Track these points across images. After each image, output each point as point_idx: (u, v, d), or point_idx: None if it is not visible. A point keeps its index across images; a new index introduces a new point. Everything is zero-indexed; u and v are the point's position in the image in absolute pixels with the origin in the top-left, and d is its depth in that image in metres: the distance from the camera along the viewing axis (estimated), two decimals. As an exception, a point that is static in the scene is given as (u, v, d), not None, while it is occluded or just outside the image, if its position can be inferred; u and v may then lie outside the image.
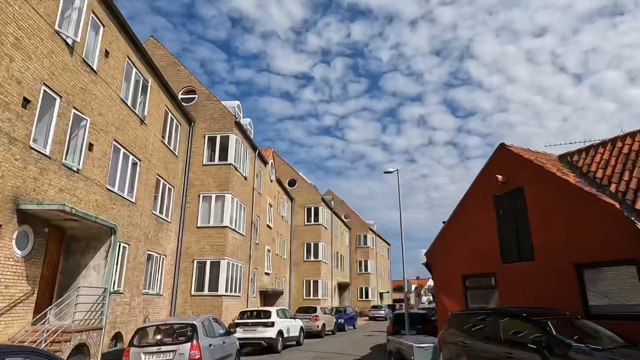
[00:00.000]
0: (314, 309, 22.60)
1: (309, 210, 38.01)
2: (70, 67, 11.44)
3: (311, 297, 35.41)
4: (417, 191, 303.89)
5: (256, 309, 16.93)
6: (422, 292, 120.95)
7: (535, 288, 9.56)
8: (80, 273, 11.57)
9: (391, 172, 17.89)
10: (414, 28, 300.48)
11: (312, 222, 37.56)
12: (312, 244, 36.85)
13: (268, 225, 28.37)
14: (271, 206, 29.43)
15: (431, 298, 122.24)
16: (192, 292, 19.41)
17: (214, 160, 21.48)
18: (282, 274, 32.07)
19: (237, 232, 21.49)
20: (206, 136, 21.68)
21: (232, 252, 20.63)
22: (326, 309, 24.60)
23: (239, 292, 21.52)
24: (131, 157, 15.25)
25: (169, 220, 18.83)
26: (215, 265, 19.73)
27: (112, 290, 13.76)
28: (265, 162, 28.18)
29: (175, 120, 19.67)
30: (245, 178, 23.42)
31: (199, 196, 20.76)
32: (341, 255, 46.48)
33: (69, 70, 11.38)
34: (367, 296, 51.47)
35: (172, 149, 19.29)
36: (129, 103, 15.00)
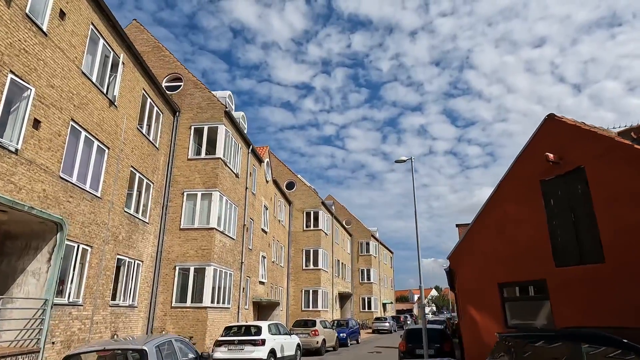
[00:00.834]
0: (313, 323, 20.05)
1: (308, 214, 35.55)
2: (5, 19, 9.12)
3: (310, 308, 32.79)
4: (418, 200, 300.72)
5: (244, 323, 14.44)
6: (425, 302, 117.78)
7: (606, 299, 7.14)
8: (15, 280, 9.14)
9: (404, 160, 15.50)
10: (414, 39, 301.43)
11: (312, 228, 35.07)
12: (311, 250, 34.33)
13: (263, 230, 25.92)
14: (267, 209, 27.01)
15: (434, 309, 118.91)
16: (173, 304, 16.91)
17: (200, 154, 19.13)
18: (278, 283, 29.52)
19: (226, 235, 19.04)
20: (192, 127, 19.35)
21: (220, 258, 18.17)
22: (327, 322, 22.04)
23: (228, 303, 19.01)
24: (96, 142, 12.89)
25: (146, 221, 16.41)
26: (200, 272, 17.26)
27: (68, 301, 11.34)
28: (260, 161, 25.82)
29: (155, 107, 17.35)
30: (237, 175, 21.04)
31: (182, 194, 18.36)
32: (342, 264, 43.89)
33: (2, 23, 9.07)
34: (369, 307, 48.72)
35: (151, 139, 16.94)
36: (93, 79, 12.68)
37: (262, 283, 25.18)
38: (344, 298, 43.77)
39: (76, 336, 11.76)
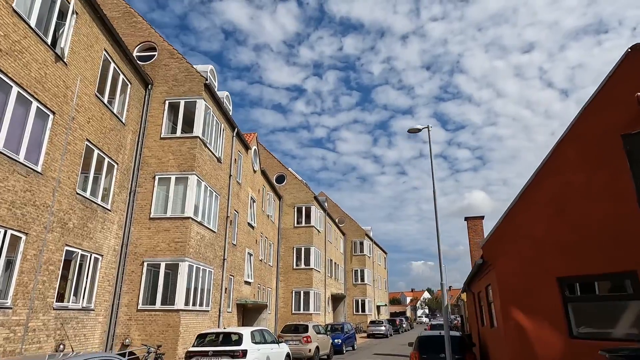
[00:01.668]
0: (305, 328, 17.53)
1: (299, 210, 33.04)
2: None
3: (301, 311, 30.25)
4: (408, 203, 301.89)
5: (221, 330, 11.89)
6: (417, 305, 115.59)
7: None
8: None
9: (419, 129, 13.08)
10: (405, 43, 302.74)
11: (303, 224, 32.56)
12: (302, 248, 31.81)
13: (250, 224, 23.36)
14: (254, 201, 24.45)
15: (427, 311, 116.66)
16: (140, 306, 14.30)
17: (175, 133, 16.54)
18: (266, 284, 26.95)
19: (205, 226, 16.47)
20: (167, 102, 16.76)
21: (197, 252, 15.59)
22: (320, 327, 19.53)
23: (207, 305, 16.43)
24: (35, 103, 10.27)
25: (108, 207, 13.80)
26: (173, 269, 14.68)
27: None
28: (247, 147, 23.28)
29: (122, 75, 14.75)
30: (219, 160, 18.48)
31: (154, 178, 15.76)
32: (335, 263, 41.41)
33: None
34: (363, 310, 46.26)
35: (115, 111, 14.34)
36: (31, 22, 10.08)
37: (248, 283, 22.61)
38: (336, 300, 41.30)
39: (1, 348, 9.13)
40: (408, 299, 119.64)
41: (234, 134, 20.74)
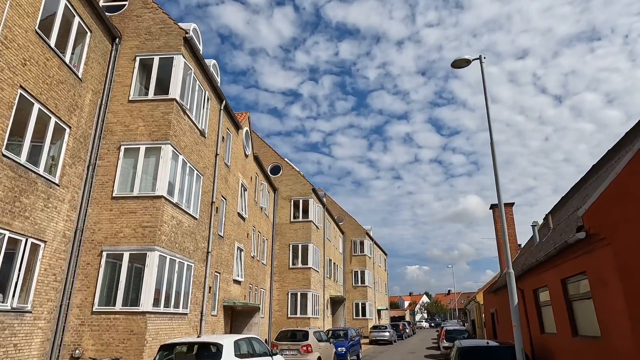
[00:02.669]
0: (305, 335, 14.53)
1: (296, 203, 30.02)
2: None
3: (298, 315, 27.17)
4: (403, 208, 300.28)
5: (193, 340, 8.83)
6: (416, 309, 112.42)
7: None
8: None
9: (468, 61, 10.13)
10: (401, 48, 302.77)
11: (300, 219, 29.54)
12: (299, 245, 28.77)
13: (240, 215, 20.35)
14: (245, 190, 21.45)
15: (426, 316, 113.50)
16: (96, 307, 11.24)
17: (147, 95, 13.54)
18: (259, 284, 23.89)
19: (183, 210, 13.47)
20: (138, 59, 13.78)
21: (172, 241, 12.58)
22: (321, 333, 16.52)
23: (185, 307, 13.39)
24: None
25: (54, 181, 10.76)
26: (139, 260, 11.65)
27: None
28: (237, 126, 20.31)
29: (78, 18, 11.77)
30: (202, 133, 15.50)
31: (119, 148, 12.74)
32: (335, 264, 38.39)
33: None
34: (364, 314, 43.16)
35: (67, 61, 11.34)
36: None
37: (237, 282, 19.56)
38: (336, 303, 38.24)
39: None
40: (406, 303, 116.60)
41: (222, 107, 17.76)
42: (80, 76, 11.94)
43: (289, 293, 27.72)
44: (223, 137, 18.12)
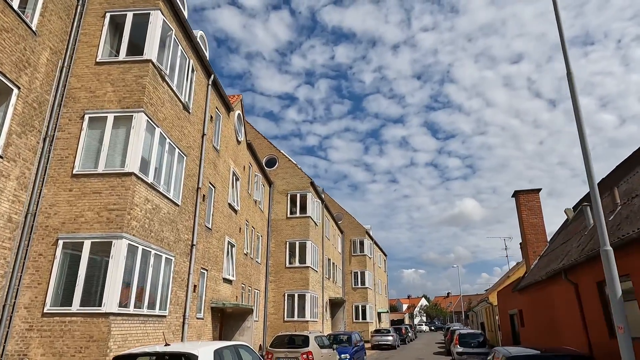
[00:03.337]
0: (305, 340, 12.45)
1: (293, 198, 27.93)
2: None
3: (296, 317, 25.02)
4: (399, 211, 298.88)
5: (165, 349, 6.70)
6: (415, 312, 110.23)
7: None
8: None
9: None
10: (396, 52, 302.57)
11: (298, 214, 27.44)
12: (297, 243, 26.66)
13: (231, 206, 18.25)
14: (237, 179, 19.36)
15: (425, 319, 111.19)
16: (48, 308, 9.10)
17: (117, 57, 11.45)
18: (253, 284, 21.77)
19: (160, 193, 11.37)
20: (108, 15, 11.71)
21: (145, 228, 10.47)
22: (323, 338, 14.43)
23: (163, 307, 11.27)
24: None
25: (-5, 151, 8.66)
26: (103, 251, 9.52)
27: None
28: (228, 107, 18.24)
29: (29, -45, 9.69)
30: (186, 107, 13.43)
31: (82, 118, 10.64)
32: (334, 264, 36.28)
33: None
34: (364, 317, 41.01)
35: (15, 6, 9.26)
36: None
37: (228, 281, 17.43)
38: (335, 306, 36.12)
39: None
40: (404, 306, 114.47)
41: (210, 82, 15.69)
42: (33, 28, 9.86)
43: (286, 294, 25.58)
44: (212, 117, 16.05)
